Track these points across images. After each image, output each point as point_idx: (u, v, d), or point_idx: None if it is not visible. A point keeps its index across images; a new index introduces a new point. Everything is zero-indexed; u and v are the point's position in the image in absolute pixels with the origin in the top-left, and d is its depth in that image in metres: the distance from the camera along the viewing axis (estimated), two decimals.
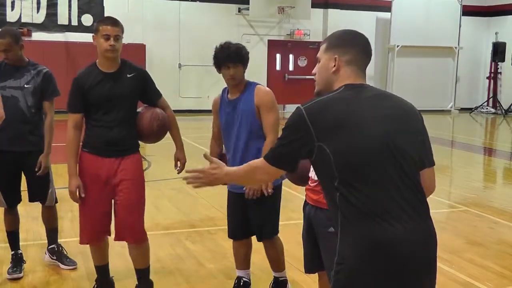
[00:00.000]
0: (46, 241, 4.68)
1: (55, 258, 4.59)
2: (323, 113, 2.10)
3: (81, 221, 3.83)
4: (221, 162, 2.40)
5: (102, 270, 3.98)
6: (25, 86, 4.23)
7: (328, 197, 2.15)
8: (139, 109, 3.83)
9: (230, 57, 3.66)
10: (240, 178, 2.44)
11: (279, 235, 3.96)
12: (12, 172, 4.28)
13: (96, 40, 3.66)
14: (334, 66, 2.22)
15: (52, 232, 4.63)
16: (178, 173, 3.99)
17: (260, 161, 2.25)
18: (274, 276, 4.03)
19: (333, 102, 2.13)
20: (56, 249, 4.60)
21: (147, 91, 3.83)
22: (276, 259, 3.97)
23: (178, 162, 3.97)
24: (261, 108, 3.71)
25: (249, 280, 4.05)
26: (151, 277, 4.03)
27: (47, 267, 4.56)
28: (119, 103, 3.68)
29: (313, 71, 2.34)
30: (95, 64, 3.74)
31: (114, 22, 3.66)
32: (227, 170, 2.37)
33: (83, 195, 3.70)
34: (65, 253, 4.64)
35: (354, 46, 2.26)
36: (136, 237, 3.83)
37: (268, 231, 3.88)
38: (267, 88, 3.83)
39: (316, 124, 2.07)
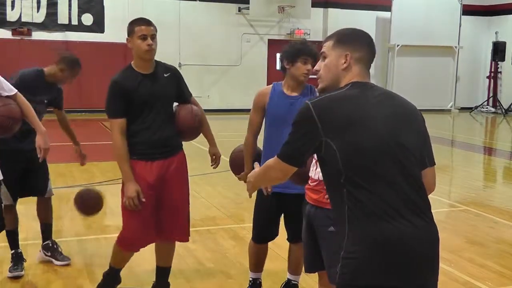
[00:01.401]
0: (41, 239, 4.67)
1: (49, 254, 4.61)
2: (331, 109, 2.11)
3: (127, 228, 3.70)
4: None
5: (118, 271, 3.91)
6: (45, 101, 4.41)
7: (334, 193, 2.16)
8: (174, 108, 3.83)
9: (312, 52, 3.62)
10: (259, 180, 2.49)
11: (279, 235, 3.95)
12: (22, 169, 4.31)
13: (131, 42, 3.60)
14: (345, 63, 2.22)
15: (48, 227, 4.65)
16: (214, 168, 4.04)
17: (273, 160, 2.29)
18: (288, 278, 4.01)
19: (342, 100, 2.14)
20: (50, 245, 4.62)
21: (182, 90, 3.84)
22: (298, 262, 3.91)
23: (214, 156, 4.00)
24: None
25: (261, 281, 4.04)
26: (151, 276, 4.04)
27: (46, 266, 4.55)
28: (160, 103, 3.65)
29: (316, 68, 2.32)
30: (131, 67, 3.67)
31: (148, 22, 3.64)
32: (251, 174, 2.53)
33: (143, 200, 3.57)
34: (59, 249, 4.65)
35: (363, 44, 2.27)
36: (185, 236, 3.86)
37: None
38: None
39: (323, 120, 2.09)
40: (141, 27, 3.59)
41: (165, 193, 3.71)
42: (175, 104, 3.86)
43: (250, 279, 4.00)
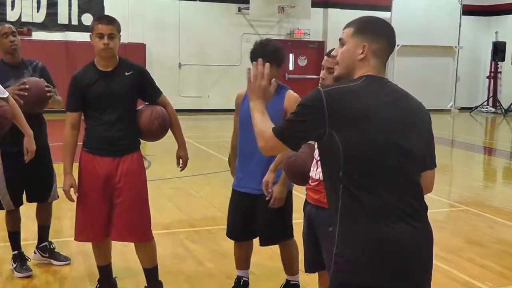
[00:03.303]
0: (37, 240, 4.64)
1: (47, 255, 4.59)
2: (342, 102, 2.05)
3: (77, 218, 3.82)
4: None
5: (105, 270, 3.95)
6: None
7: (331, 188, 2.13)
8: (139, 107, 3.80)
9: (254, 54, 3.61)
10: (254, 120, 2.26)
11: None
12: (22, 172, 4.26)
13: (92, 39, 3.65)
14: (362, 53, 2.15)
15: (46, 229, 4.63)
16: (180, 170, 3.99)
17: (268, 132, 2.18)
18: (286, 278, 4.01)
19: (354, 93, 2.08)
20: (48, 246, 4.61)
21: (146, 89, 3.79)
22: (290, 263, 3.93)
23: (180, 160, 3.96)
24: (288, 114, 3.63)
25: (248, 279, 4.06)
26: None
27: (46, 266, 4.55)
28: (116, 101, 3.65)
29: (334, 53, 2.26)
30: (93, 63, 3.72)
31: (109, 20, 3.63)
32: (261, 101, 2.28)
33: (76, 194, 3.71)
34: (56, 249, 4.64)
35: (383, 36, 2.20)
36: (140, 237, 3.81)
37: (276, 236, 3.83)
38: (297, 95, 3.70)
39: (333, 111, 2.03)
40: (101, 26, 3.59)
41: (115, 193, 3.71)
42: (145, 103, 3.83)
43: (235, 276, 4.04)
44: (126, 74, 3.69)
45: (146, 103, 3.84)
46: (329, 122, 2.03)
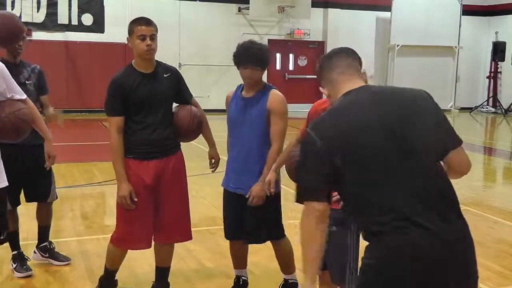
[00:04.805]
0: (37, 240, 4.62)
1: (47, 255, 4.58)
2: (327, 128, 2.12)
3: (123, 226, 3.73)
4: None
5: (112, 273, 3.94)
6: (26, 82, 4.25)
7: (347, 203, 2.22)
8: (173, 109, 3.83)
9: (249, 59, 3.63)
10: (304, 241, 2.17)
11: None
12: (20, 171, 4.24)
13: (131, 41, 3.63)
14: (328, 95, 2.30)
15: (46, 229, 4.62)
16: (213, 171, 4.06)
17: (303, 210, 2.14)
18: (284, 278, 4.02)
19: (333, 115, 2.16)
20: (48, 246, 4.60)
21: (182, 91, 3.85)
22: (285, 261, 3.94)
23: (213, 160, 4.00)
24: (272, 114, 3.64)
25: (247, 278, 4.06)
26: (151, 276, 4.04)
27: (45, 266, 4.55)
28: (160, 103, 3.66)
29: (325, 92, 2.41)
30: (132, 66, 3.69)
31: (148, 21, 3.64)
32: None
33: (136, 199, 3.61)
34: (56, 250, 4.63)
35: (328, 66, 2.29)
36: (188, 236, 3.89)
37: (262, 236, 3.82)
38: (282, 95, 3.73)
39: (325, 141, 2.08)
40: (141, 27, 3.59)
41: (163, 193, 3.71)
42: (176, 105, 3.86)
43: (234, 276, 4.05)
44: (165, 75, 3.72)
45: (177, 104, 3.86)
46: (328, 152, 2.06)
